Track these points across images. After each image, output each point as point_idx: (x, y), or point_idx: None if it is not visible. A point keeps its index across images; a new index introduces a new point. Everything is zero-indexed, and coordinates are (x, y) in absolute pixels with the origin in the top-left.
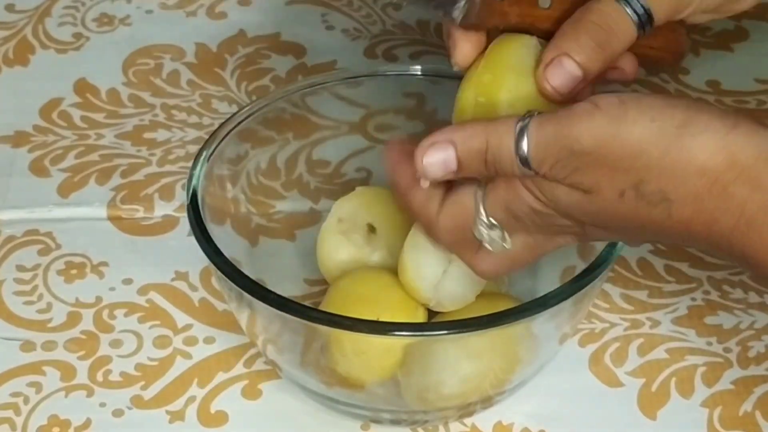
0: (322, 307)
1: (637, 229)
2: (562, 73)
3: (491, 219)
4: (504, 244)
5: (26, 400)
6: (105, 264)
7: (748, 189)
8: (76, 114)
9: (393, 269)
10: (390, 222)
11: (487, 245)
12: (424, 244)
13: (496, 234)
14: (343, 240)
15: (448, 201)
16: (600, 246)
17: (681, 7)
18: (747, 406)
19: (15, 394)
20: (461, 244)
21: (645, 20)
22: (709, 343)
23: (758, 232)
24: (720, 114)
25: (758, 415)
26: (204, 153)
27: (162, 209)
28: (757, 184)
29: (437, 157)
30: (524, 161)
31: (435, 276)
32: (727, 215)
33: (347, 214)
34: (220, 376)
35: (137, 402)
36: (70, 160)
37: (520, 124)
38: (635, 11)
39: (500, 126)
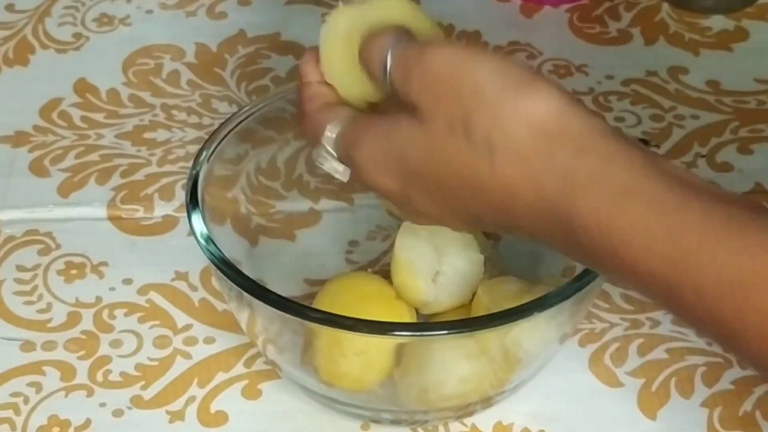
0: None
1: (457, 185)
2: None
3: (334, 152)
4: (336, 171)
5: (26, 400)
6: (105, 264)
7: (575, 154)
8: (76, 114)
9: (380, 274)
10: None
11: (319, 163)
12: (416, 243)
13: (328, 159)
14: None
15: (326, 106)
16: None
17: None
18: (747, 406)
19: (15, 394)
20: (311, 141)
21: None
22: (709, 343)
23: (583, 196)
24: (564, 90)
25: (758, 415)
26: (204, 153)
27: (162, 209)
28: (584, 151)
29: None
30: (387, 71)
31: (431, 271)
32: (554, 177)
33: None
34: (220, 376)
35: (137, 402)
36: (70, 160)
37: (395, 38)
38: None
39: (386, 32)
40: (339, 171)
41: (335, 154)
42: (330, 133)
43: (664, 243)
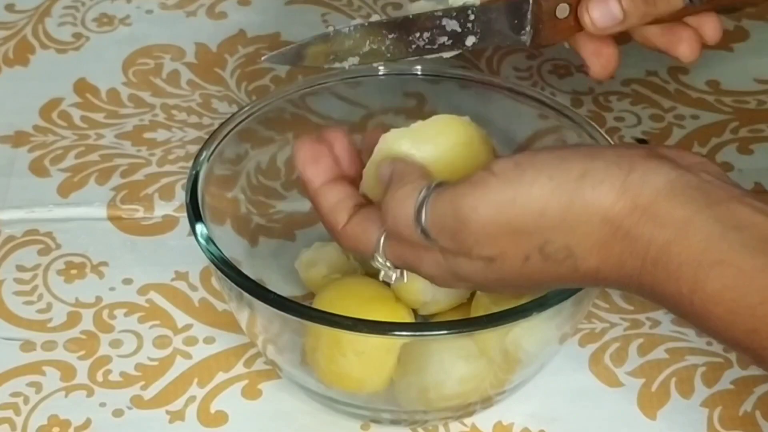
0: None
1: (545, 284)
2: (604, 8)
3: (388, 263)
4: (401, 280)
5: (26, 400)
6: (105, 264)
7: (650, 228)
8: (76, 114)
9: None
10: None
11: (381, 277)
12: None
13: (392, 273)
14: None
15: (358, 215)
16: None
17: None
18: (747, 406)
19: (15, 394)
20: (362, 257)
21: None
22: (709, 343)
23: (664, 268)
24: (615, 158)
25: (758, 415)
26: (204, 153)
27: (162, 209)
28: (658, 222)
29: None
30: (424, 232)
31: None
32: (633, 257)
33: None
34: (220, 376)
35: (137, 402)
36: (70, 160)
37: (422, 194)
38: None
39: (403, 192)
40: (398, 278)
41: (388, 263)
42: (378, 254)
43: (747, 316)
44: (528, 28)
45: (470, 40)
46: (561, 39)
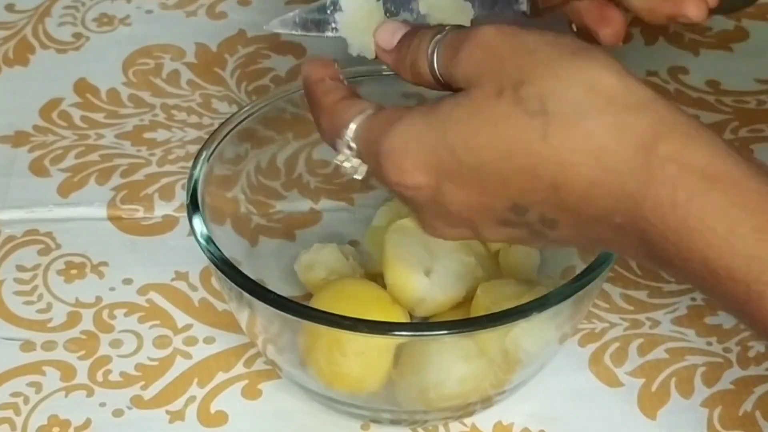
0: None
1: (502, 160)
2: None
3: (351, 142)
4: (356, 173)
5: (26, 400)
6: (105, 264)
7: (650, 123)
8: (76, 114)
9: (373, 278)
10: None
11: (343, 165)
12: (406, 240)
13: (349, 158)
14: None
15: (342, 101)
16: None
17: None
18: (747, 406)
19: (15, 394)
20: (328, 138)
21: None
22: (709, 343)
23: (660, 172)
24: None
25: (758, 415)
26: (204, 153)
27: (162, 209)
28: (660, 122)
29: (388, 31)
30: (434, 59)
31: (423, 266)
32: (623, 146)
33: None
34: (220, 376)
35: (137, 402)
36: (70, 160)
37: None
38: None
39: (430, 28)
40: (355, 168)
41: (355, 149)
42: (353, 124)
43: (751, 242)
44: None
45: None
46: (559, 1)
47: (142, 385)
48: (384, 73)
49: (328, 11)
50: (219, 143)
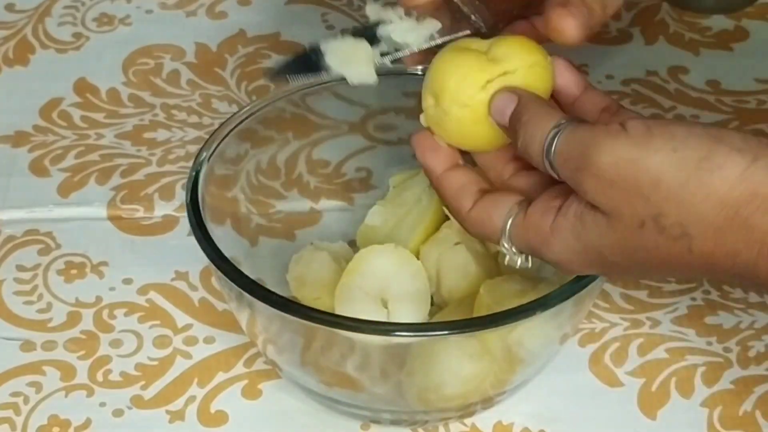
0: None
1: (660, 265)
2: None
3: (514, 248)
4: (525, 264)
5: (26, 400)
6: (105, 264)
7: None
8: (76, 114)
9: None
10: None
11: (506, 257)
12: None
13: (516, 258)
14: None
15: (482, 203)
16: None
17: None
18: (747, 406)
19: (15, 394)
20: (487, 240)
21: None
22: (709, 343)
23: None
24: (741, 145)
25: (758, 414)
26: (204, 153)
27: (162, 209)
28: None
29: (502, 102)
30: (548, 159)
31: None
32: (750, 246)
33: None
34: (220, 376)
35: (137, 402)
36: (70, 160)
37: (560, 124)
38: None
39: (547, 114)
40: (523, 263)
41: (513, 249)
42: (506, 233)
43: None
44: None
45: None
46: (515, 17)
47: (142, 385)
48: (384, 73)
49: (314, 57)
50: (219, 143)
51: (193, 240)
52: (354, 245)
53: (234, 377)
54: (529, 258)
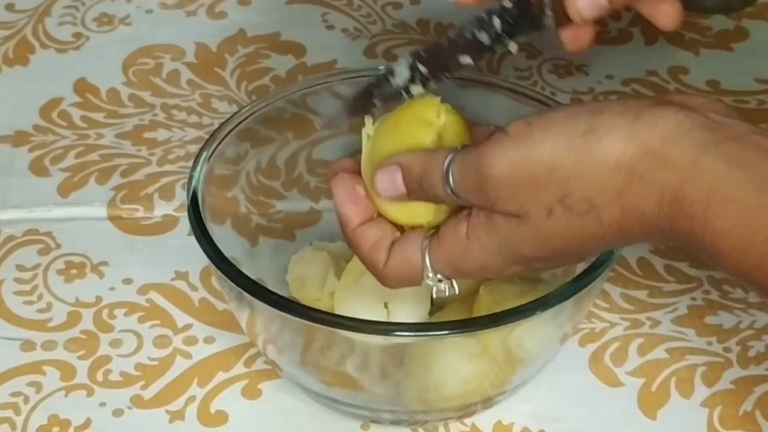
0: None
1: (577, 246)
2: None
3: (438, 275)
4: (452, 291)
5: (26, 400)
6: (105, 264)
7: (663, 172)
8: (76, 114)
9: None
10: None
11: (433, 291)
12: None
13: (443, 285)
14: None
15: (395, 250)
16: None
17: None
18: (747, 406)
19: (15, 394)
20: (408, 286)
21: None
22: (709, 343)
23: (679, 208)
24: (620, 109)
25: (758, 414)
26: (204, 153)
27: (162, 209)
28: (669, 165)
29: (386, 179)
30: (453, 192)
31: None
32: (651, 203)
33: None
34: (220, 376)
35: (137, 402)
36: (70, 160)
37: (449, 158)
38: None
39: (434, 156)
40: (450, 290)
41: (438, 277)
42: (427, 272)
43: (754, 252)
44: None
45: (501, 46)
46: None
47: (142, 384)
48: (381, 74)
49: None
50: (219, 143)
51: (193, 240)
52: None
53: (234, 377)
54: (454, 283)
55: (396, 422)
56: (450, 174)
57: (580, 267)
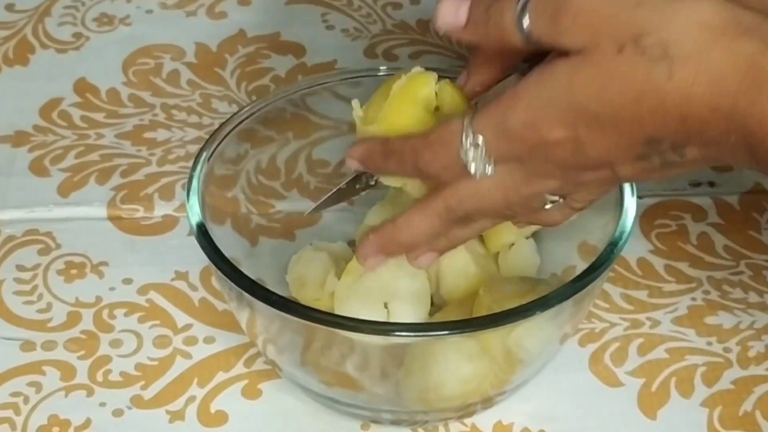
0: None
1: (631, 103)
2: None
3: (478, 137)
4: (487, 167)
5: (26, 400)
6: (105, 264)
7: (758, 43)
8: (76, 114)
9: None
10: None
11: (470, 168)
12: None
13: (479, 155)
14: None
15: (435, 128)
16: (600, 246)
17: None
18: (747, 406)
19: (15, 394)
20: (448, 170)
21: None
22: (709, 343)
23: (766, 90)
24: None
25: (758, 415)
26: (204, 153)
27: (162, 209)
28: (763, 38)
29: (451, 6)
30: (520, 18)
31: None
32: (735, 69)
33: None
34: (220, 376)
35: (137, 402)
36: (70, 160)
37: None
38: None
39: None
40: (487, 160)
41: (481, 143)
42: (466, 121)
43: None
44: None
45: None
46: None
47: (142, 384)
48: (384, 73)
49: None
50: (219, 143)
51: (193, 240)
52: (354, 245)
53: (234, 377)
54: (491, 163)
55: (396, 422)
56: (527, 12)
57: (581, 267)
